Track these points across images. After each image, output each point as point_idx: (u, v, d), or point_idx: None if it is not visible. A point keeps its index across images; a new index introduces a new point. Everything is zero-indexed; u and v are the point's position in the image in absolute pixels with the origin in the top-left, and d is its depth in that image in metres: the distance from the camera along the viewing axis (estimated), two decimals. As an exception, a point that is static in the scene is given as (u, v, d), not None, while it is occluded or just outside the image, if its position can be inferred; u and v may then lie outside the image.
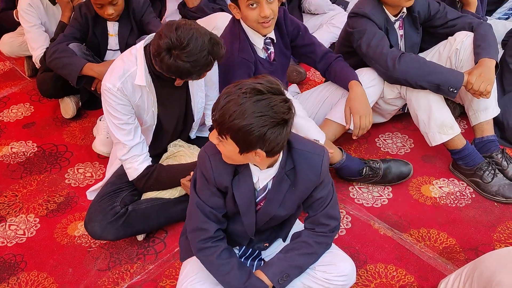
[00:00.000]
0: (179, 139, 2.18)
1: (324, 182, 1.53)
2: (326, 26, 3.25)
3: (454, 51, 2.27)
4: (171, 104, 2.04)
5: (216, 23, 2.75)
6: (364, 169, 2.21)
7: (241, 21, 2.09)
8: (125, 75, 1.86)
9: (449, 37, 2.34)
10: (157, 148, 2.15)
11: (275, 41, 2.17)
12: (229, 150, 1.35)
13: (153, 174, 1.98)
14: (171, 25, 1.68)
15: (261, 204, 1.55)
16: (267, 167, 1.47)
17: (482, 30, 2.23)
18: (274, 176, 1.49)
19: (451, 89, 2.04)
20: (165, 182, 2.00)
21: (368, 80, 2.22)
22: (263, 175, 1.49)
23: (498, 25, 2.90)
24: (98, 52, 2.63)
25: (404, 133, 2.59)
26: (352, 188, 2.28)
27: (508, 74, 2.44)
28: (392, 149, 2.51)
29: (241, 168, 1.48)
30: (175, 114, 2.09)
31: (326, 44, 3.23)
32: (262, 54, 2.16)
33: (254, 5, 1.95)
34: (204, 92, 2.11)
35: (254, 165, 1.47)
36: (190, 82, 2.01)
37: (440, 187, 2.26)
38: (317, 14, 3.34)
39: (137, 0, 2.57)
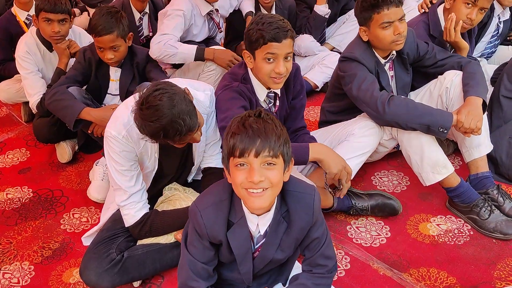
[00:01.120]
0: (174, 183, 2.18)
1: (318, 221, 1.54)
2: (318, 67, 3.32)
3: (445, 89, 2.32)
4: (174, 150, 2.02)
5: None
6: (351, 211, 2.27)
7: (249, 70, 2.10)
8: (130, 123, 1.85)
9: (439, 76, 2.39)
10: (154, 190, 2.14)
11: (279, 96, 2.19)
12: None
13: (147, 221, 1.97)
14: (154, 84, 1.71)
15: (258, 250, 1.54)
16: (265, 212, 1.47)
17: (471, 69, 2.29)
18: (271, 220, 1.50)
19: (441, 130, 2.07)
20: (159, 229, 1.99)
21: (365, 129, 2.26)
22: (262, 221, 1.50)
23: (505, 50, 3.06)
24: (98, 95, 2.68)
25: (400, 171, 2.61)
26: (350, 228, 2.27)
27: (497, 109, 2.49)
28: (388, 187, 2.51)
29: (235, 219, 1.49)
30: (177, 159, 2.10)
31: (320, 84, 3.31)
32: (264, 104, 2.18)
33: (271, 59, 1.95)
34: (205, 136, 2.12)
35: (252, 213, 1.47)
36: None
37: (438, 225, 2.25)
38: (307, 56, 3.42)
39: (142, 53, 2.62)
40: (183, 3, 2.89)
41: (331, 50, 3.56)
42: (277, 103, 2.21)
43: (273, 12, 3.31)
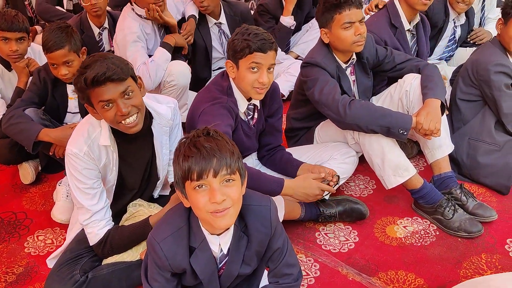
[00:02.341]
0: (139, 199, 2.15)
1: (277, 232, 1.53)
2: (283, 75, 3.34)
3: (404, 93, 2.36)
4: (136, 162, 2.02)
5: (171, 69, 2.82)
6: (320, 219, 2.28)
7: (231, 81, 2.11)
8: (91, 138, 1.85)
9: (399, 80, 2.44)
10: (118, 207, 2.11)
11: (258, 108, 2.21)
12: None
13: (107, 239, 1.93)
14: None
15: (223, 268, 1.53)
16: (225, 231, 1.46)
17: (428, 71, 2.33)
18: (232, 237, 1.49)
19: (401, 131, 2.09)
20: (121, 246, 1.95)
21: (346, 156, 2.32)
22: (223, 240, 1.48)
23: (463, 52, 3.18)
24: (57, 115, 2.62)
25: (366, 175, 2.63)
26: (319, 234, 2.27)
27: (456, 112, 2.54)
28: (355, 192, 2.53)
29: (196, 243, 1.47)
30: (139, 172, 2.07)
31: (286, 92, 3.32)
32: (243, 117, 2.19)
33: (255, 69, 1.98)
34: (168, 149, 2.10)
35: (212, 233, 1.46)
36: (155, 138, 2.02)
37: (404, 227, 2.28)
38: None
39: None
40: (132, 25, 2.87)
41: (296, 58, 3.59)
42: (255, 115, 2.22)
43: (222, 18, 3.29)
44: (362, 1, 2.28)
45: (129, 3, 2.97)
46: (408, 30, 2.77)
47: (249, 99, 2.14)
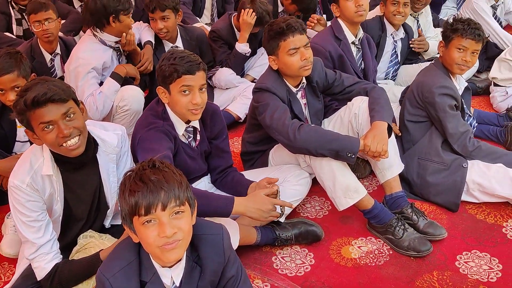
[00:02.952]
0: (90, 230, 2.09)
1: (231, 260, 1.53)
2: (239, 98, 3.36)
3: (353, 115, 2.42)
4: (82, 191, 1.97)
5: (123, 94, 2.78)
6: (276, 243, 2.27)
7: (166, 106, 2.12)
8: (34, 168, 1.81)
9: (348, 103, 2.50)
10: (67, 239, 2.05)
11: (198, 130, 2.22)
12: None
13: (56, 273, 1.86)
14: None
15: None
16: (176, 263, 1.43)
17: (375, 94, 2.40)
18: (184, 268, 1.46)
19: (349, 155, 2.14)
20: (70, 280, 1.88)
21: (299, 178, 2.36)
22: (175, 272, 1.46)
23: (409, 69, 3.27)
24: (6, 144, 2.54)
25: (322, 196, 2.65)
26: (276, 258, 2.26)
27: (405, 133, 2.61)
28: (311, 213, 2.55)
29: (148, 277, 1.43)
30: (87, 201, 2.02)
31: (242, 115, 3.34)
32: (183, 139, 2.19)
33: (187, 91, 2.00)
34: (116, 177, 2.06)
35: (163, 266, 1.43)
36: (100, 166, 1.98)
37: (359, 247, 2.30)
38: (228, 88, 3.46)
39: None
40: (89, 55, 2.82)
41: (252, 81, 3.62)
42: (198, 137, 2.23)
43: (179, 43, 3.33)
44: (306, 28, 2.35)
45: (89, 30, 2.92)
46: (353, 43, 2.90)
47: (187, 122, 2.16)
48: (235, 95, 3.42)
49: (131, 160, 2.13)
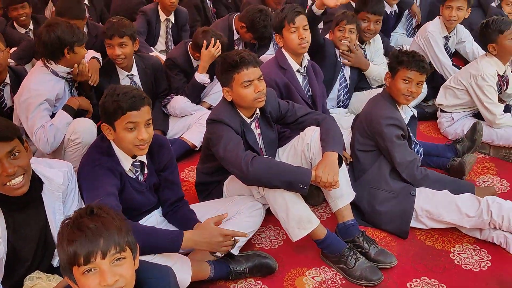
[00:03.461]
0: (37, 271, 2.02)
1: None
2: (195, 126, 3.36)
3: (306, 145, 2.46)
4: (27, 231, 1.90)
5: (75, 126, 2.74)
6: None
7: (112, 142, 2.10)
8: None
9: (301, 133, 2.54)
10: (12, 281, 1.96)
11: (146, 164, 2.20)
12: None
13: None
14: None
15: None
16: None
17: (326, 125, 2.46)
18: None
19: (301, 186, 2.17)
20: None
21: (252, 209, 2.37)
22: None
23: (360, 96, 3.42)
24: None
25: (277, 226, 2.67)
26: (230, 295, 2.25)
27: (356, 162, 2.68)
28: (266, 244, 2.55)
29: None
30: (33, 241, 1.95)
31: (198, 144, 3.33)
32: (130, 174, 2.17)
33: (133, 128, 1.99)
34: (63, 215, 2.01)
35: None
36: (46, 205, 1.93)
37: (313, 277, 2.32)
38: (183, 116, 3.45)
39: None
40: (41, 87, 2.75)
41: (208, 108, 3.63)
42: (145, 171, 2.21)
43: (134, 71, 3.32)
44: (260, 61, 2.39)
45: (40, 61, 2.85)
46: (298, 71, 2.97)
47: (134, 156, 2.14)
48: (191, 123, 3.41)
49: (78, 197, 2.09)
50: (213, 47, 3.37)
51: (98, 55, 3.29)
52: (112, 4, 5.21)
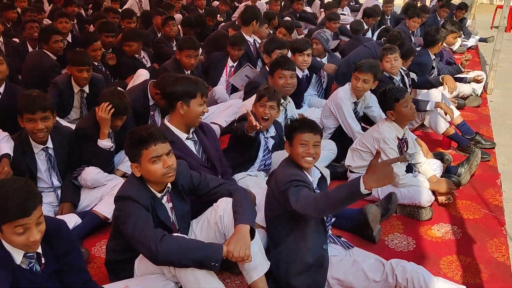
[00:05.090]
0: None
1: None
2: (107, 197, 3.23)
3: (219, 218, 2.46)
4: None
5: None
6: None
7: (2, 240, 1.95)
8: None
9: (214, 204, 2.54)
10: None
11: (41, 254, 2.05)
12: None
13: None
14: None
15: None
16: None
17: (239, 196, 2.48)
18: None
19: (213, 263, 2.15)
20: None
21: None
22: None
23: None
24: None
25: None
26: None
27: (274, 231, 2.63)
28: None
29: None
30: None
31: (110, 216, 3.17)
32: (24, 266, 2.00)
33: (22, 230, 1.86)
34: None
35: None
36: None
37: None
38: (96, 187, 3.33)
39: None
40: None
41: (123, 176, 3.54)
42: (42, 260, 2.06)
43: (49, 143, 3.20)
44: (167, 136, 2.39)
45: None
46: (188, 138, 2.99)
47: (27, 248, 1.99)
48: (103, 194, 3.29)
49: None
50: (103, 111, 3.33)
51: (11, 148, 3.13)
52: (24, 64, 5.05)
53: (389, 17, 8.71)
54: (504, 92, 6.49)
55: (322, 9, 9.26)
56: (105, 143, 3.35)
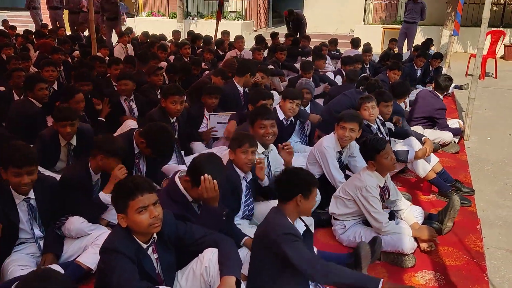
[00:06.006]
0: None
1: None
2: (91, 247, 3.20)
3: (204, 269, 2.47)
4: None
5: None
6: None
7: None
8: None
9: (199, 255, 2.55)
10: None
11: None
12: None
13: None
14: None
15: None
16: None
17: (224, 246, 2.51)
18: None
19: None
20: None
21: None
22: None
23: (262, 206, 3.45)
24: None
25: None
26: None
27: (262, 275, 2.60)
28: None
29: None
30: None
31: (93, 267, 3.14)
32: None
33: None
34: None
35: None
36: None
37: None
38: (80, 237, 3.30)
39: None
40: None
41: (106, 226, 3.52)
42: None
43: (32, 194, 3.17)
44: (155, 187, 2.42)
45: None
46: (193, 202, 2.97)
47: None
48: (87, 244, 3.25)
49: None
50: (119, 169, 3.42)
51: None
52: (9, 112, 5.04)
53: (368, 65, 9.03)
54: (481, 138, 6.69)
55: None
56: (107, 198, 3.34)
